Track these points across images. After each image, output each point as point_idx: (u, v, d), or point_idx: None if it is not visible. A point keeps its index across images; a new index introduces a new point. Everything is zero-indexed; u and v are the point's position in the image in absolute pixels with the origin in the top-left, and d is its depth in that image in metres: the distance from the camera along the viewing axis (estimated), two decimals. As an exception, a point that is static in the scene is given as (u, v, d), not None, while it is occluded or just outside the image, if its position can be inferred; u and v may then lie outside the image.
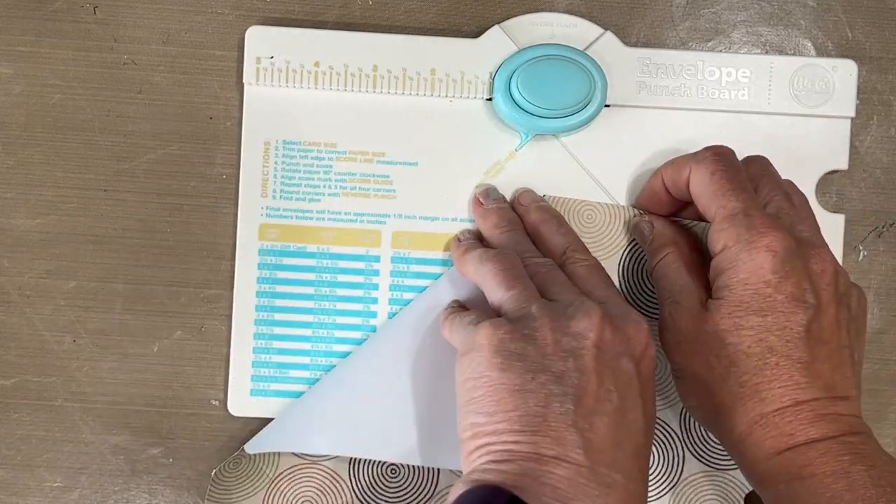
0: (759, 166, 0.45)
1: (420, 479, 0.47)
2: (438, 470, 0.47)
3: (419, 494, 0.47)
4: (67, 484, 0.48)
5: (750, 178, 0.43)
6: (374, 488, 0.47)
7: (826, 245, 0.42)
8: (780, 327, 0.40)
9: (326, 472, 0.47)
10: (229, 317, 0.48)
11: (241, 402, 0.48)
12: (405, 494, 0.47)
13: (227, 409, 0.48)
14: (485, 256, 0.43)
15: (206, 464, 0.48)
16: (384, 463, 0.47)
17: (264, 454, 0.47)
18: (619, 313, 0.40)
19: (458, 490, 0.36)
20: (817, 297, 0.40)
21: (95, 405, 0.48)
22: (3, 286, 0.48)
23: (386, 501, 0.47)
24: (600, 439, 0.37)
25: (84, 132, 0.48)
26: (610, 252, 0.47)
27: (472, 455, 0.38)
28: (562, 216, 0.47)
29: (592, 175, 0.48)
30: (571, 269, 0.44)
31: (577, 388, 0.37)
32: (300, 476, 0.47)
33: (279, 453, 0.47)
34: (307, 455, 0.47)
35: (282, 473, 0.47)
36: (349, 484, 0.47)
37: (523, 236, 0.46)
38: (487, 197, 0.47)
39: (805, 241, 0.41)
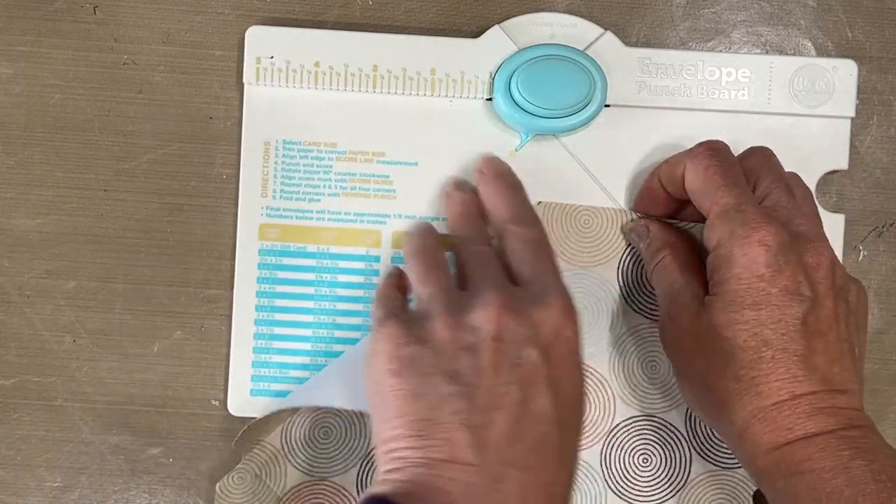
0: (760, 158, 0.44)
1: None
2: None
3: None
4: (67, 484, 0.48)
5: (750, 170, 0.43)
6: None
7: (824, 239, 0.42)
8: (776, 321, 0.39)
9: (334, 489, 0.47)
10: (229, 317, 0.48)
11: (241, 402, 0.48)
12: None
13: (227, 409, 0.48)
14: (406, 252, 0.43)
15: (206, 464, 0.48)
16: None
17: (271, 472, 0.46)
18: (530, 296, 0.39)
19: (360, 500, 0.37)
20: (813, 289, 0.40)
21: (95, 405, 0.48)
22: (3, 286, 0.48)
23: None
24: (496, 435, 0.36)
25: (84, 132, 0.48)
26: (609, 256, 0.47)
27: (378, 462, 0.38)
28: (517, 184, 0.45)
29: (592, 175, 0.48)
30: (507, 244, 0.43)
31: (471, 386, 0.37)
32: (308, 494, 0.47)
33: (286, 472, 0.47)
34: (315, 472, 0.47)
35: (289, 492, 0.46)
36: (356, 498, 0.47)
37: (475, 222, 0.45)
38: (455, 188, 0.46)
39: (801, 235, 0.41)
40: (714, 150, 0.43)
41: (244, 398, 0.48)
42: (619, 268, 0.47)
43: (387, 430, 0.37)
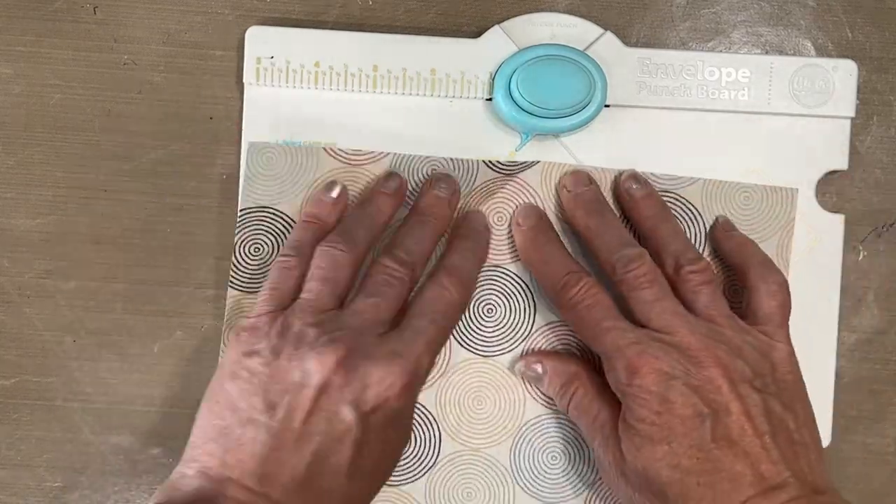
0: (665, 233, 0.45)
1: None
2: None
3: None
4: (67, 484, 0.49)
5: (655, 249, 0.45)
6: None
7: (708, 339, 0.41)
8: (687, 447, 0.40)
9: None
10: (229, 317, 0.48)
11: (241, 402, 0.48)
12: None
13: (227, 409, 0.48)
14: (326, 240, 0.43)
15: (206, 464, 0.48)
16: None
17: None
18: (383, 351, 0.40)
19: (151, 502, 0.38)
20: (709, 404, 0.40)
21: (95, 405, 0.48)
22: (3, 286, 0.48)
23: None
24: (285, 475, 0.38)
25: (84, 132, 0.48)
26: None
27: (187, 447, 0.40)
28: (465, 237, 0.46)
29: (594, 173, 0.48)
30: (427, 286, 0.43)
31: (280, 423, 0.38)
32: None
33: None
34: None
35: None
36: None
37: (429, 236, 0.45)
38: (440, 181, 0.46)
39: (683, 352, 0.41)
40: (584, 285, 0.43)
41: (244, 398, 0.48)
42: None
43: (202, 420, 0.40)
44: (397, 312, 0.42)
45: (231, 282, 0.47)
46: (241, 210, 0.47)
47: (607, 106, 0.47)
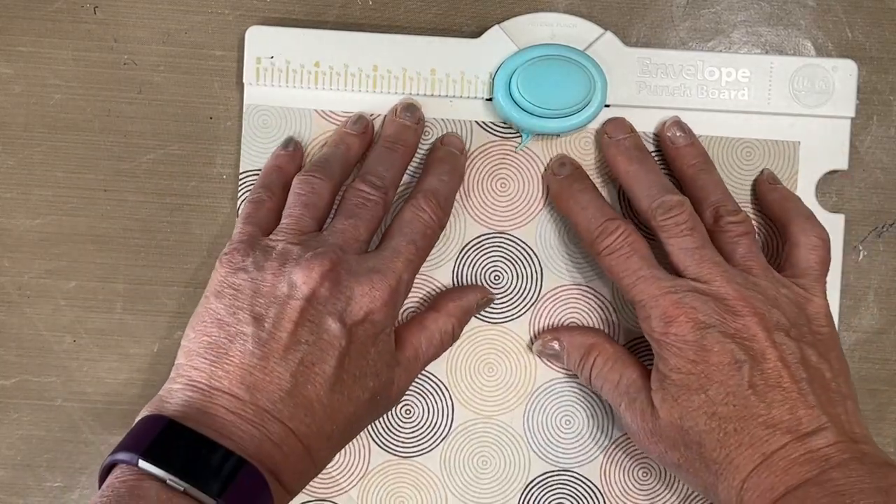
0: (707, 182, 0.46)
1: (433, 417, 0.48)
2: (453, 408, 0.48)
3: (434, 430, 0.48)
4: (67, 484, 0.48)
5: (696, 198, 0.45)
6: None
7: (744, 289, 0.41)
8: (724, 395, 0.40)
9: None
10: (229, 317, 0.48)
11: (241, 402, 0.48)
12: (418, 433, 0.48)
13: (227, 409, 0.48)
14: (301, 171, 0.45)
15: (206, 464, 0.48)
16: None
17: None
18: (364, 269, 0.41)
19: (138, 416, 0.40)
20: (747, 350, 0.40)
21: (95, 405, 0.48)
22: (3, 286, 0.48)
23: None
24: (270, 383, 0.39)
25: (84, 132, 0.48)
26: (606, 180, 0.47)
27: (173, 369, 0.41)
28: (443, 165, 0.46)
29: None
30: (405, 208, 0.44)
31: (267, 333, 0.40)
32: None
33: None
34: None
35: None
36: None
37: (399, 162, 0.46)
38: (404, 110, 0.47)
39: (719, 300, 0.41)
40: (622, 233, 0.43)
41: (244, 398, 0.48)
42: (619, 191, 0.47)
43: (190, 343, 0.41)
44: (374, 236, 0.44)
45: None
46: (241, 173, 0.47)
47: (607, 106, 0.47)
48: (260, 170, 0.47)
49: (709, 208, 0.44)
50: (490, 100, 0.47)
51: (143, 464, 0.37)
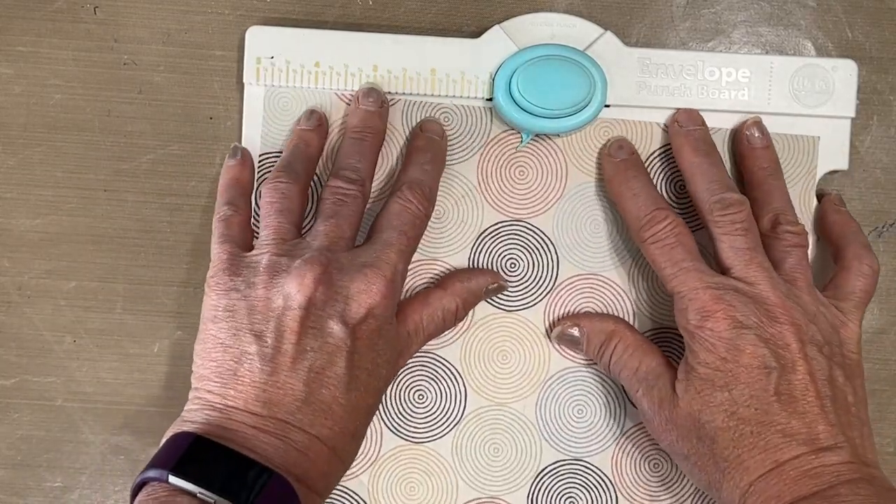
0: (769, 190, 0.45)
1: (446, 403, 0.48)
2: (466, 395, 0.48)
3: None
4: (67, 484, 0.48)
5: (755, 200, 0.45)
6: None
7: (787, 298, 0.41)
8: (748, 397, 0.40)
9: None
10: (229, 317, 0.48)
11: (241, 402, 0.48)
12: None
13: (227, 409, 0.48)
14: (267, 179, 0.44)
15: (206, 464, 0.48)
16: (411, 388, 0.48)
17: None
18: (356, 265, 0.41)
19: (163, 438, 0.40)
20: (779, 358, 0.40)
21: (95, 405, 0.48)
22: (3, 286, 0.48)
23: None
24: (285, 395, 0.39)
25: (84, 132, 0.48)
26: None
27: (190, 393, 0.41)
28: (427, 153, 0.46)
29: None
30: (391, 201, 0.44)
31: (272, 349, 0.40)
32: None
33: None
34: None
35: None
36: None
37: (370, 150, 0.45)
38: (366, 96, 0.46)
39: (760, 303, 0.41)
40: (670, 223, 0.43)
41: (244, 398, 0.48)
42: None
43: (199, 369, 0.41)
44: (358, 230, 0.44)
45: (256, 232, 0.47)
46: (260, 155, 0.47)
47: (607, 106, 0.47)
48: (279, 152, 0.47)
49: (768, 214, 0.44)
50: (490, 100, 0.47)
51: (173, 479, 0.37)
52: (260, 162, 0.47)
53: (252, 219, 0.46)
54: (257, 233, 0.44)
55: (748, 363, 0.40)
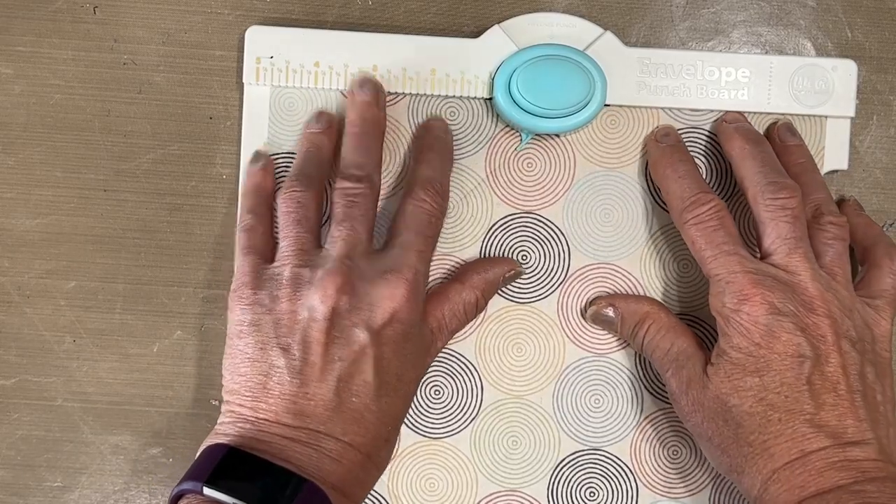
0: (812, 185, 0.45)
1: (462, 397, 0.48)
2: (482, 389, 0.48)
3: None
4: (67, 484, 0.48)
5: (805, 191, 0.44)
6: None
7: (827, 291, 0.41)
8: (779, 384, 0.40)
9: None
10: (229, 317, 0.48)
11: (241, 402, 0.48)
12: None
13: (227, 409, 0.48)
14: (282, 188, 0.44)
15: (206, 464, 0.48)
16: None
17: None
18: (377, 270, 0.41)
19: (200, 448, 0.40)
20: (814, 348, 0.40)
21: (95, 405, 0.48)
22: (3, 286, 0.48)
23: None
24: (315, 405, 0.40)
25: (84, 132, 0.48)
26: (637, 155, 0.47)
27: (222, 406, 0.42)
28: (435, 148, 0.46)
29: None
30: (405, 202, 0.44)
31: (300, 362, 0.40)
32: None
33: None
34: None
35: None
36: None
37: (372, 142, 0.45)
38: (360, 87, 0.46)
39: (797, 292, 0.41)
40: (714, 206, 0.43)
41: (244, 398, 0.48)
42: (646, 170, 0.47)
43: (229, 383, 0.41)
44: (374, 227, 0.44)
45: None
46: (272, 155, 0.47)
47: (607, 105, 0.47)
48: (289, 152, 0.47)
49: (810, 204, 0.44)
50: (490, 100, 0.47)
51: (207, 490, 0.37)
52: (275, 162, 0.47)
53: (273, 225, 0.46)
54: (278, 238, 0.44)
55: (782, 350, 0.40)
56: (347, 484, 0.39)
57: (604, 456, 0.47)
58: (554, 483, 0.47)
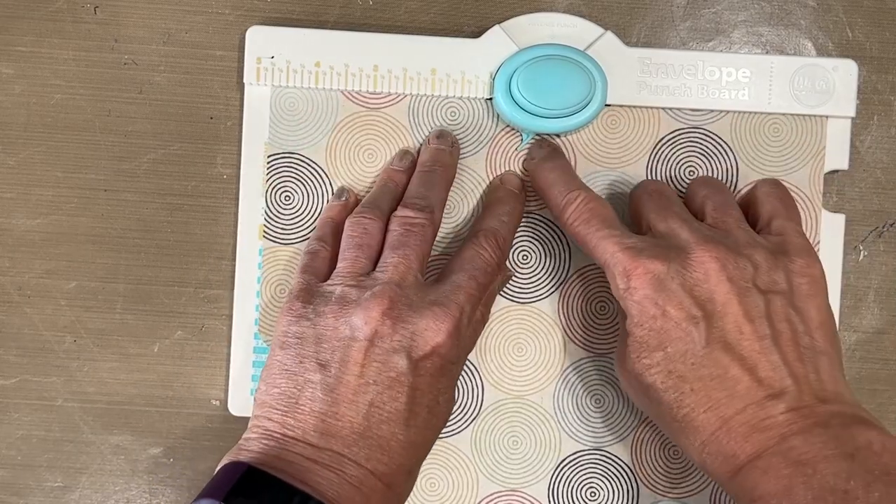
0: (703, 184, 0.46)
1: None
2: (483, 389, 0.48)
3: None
4: (68, 484, 0.48)
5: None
6: None
7: (708, 242, 0.40)
8: (682, 353, 0.39)
9: None
10: (229, 316, 0.48)
11: (241, 402, 0.48)
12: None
13: (227, 409, 0.48)
14: (352, 214, 0.44)
15: (206, 464, 0.48)
16: None
17: None
18: (425, 302, 0.41)
19: (219, 465, 0.40)
20: (703, 306, 0.39)
21: (95, 405, 0.48)
22: (3, 286, 0.48)
23: None
24: (343, 427, 0.39)
25: (84, 132, 0.48)
26: (638, 155, 0.47)
27: (250, 420, 0.41)
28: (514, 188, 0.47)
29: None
30: (466, 246, 0.44)
31: (335, 379, 0.40)
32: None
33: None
34: None
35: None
36: None
37: (439, 180, 0.45)
38: (437, 137, 0.47)
39: (680, 251, 0.40)
40: (582, 199, 0.43)
41: (244, 398, 0.48)
42: (647, 167, 0.48)
43: (262, 395, 0.41)
44: (427, 260, 0.44)
45: (265, 233, 0.47)
46: (269, 156, 0.47)
47: (608, 105, 0.47)
48: (289, 151, 0.47)
49: (701, 204, 0.44)
50: (490, 100, 0.47)
51: None
52: (269, 162, 0.47)
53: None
54: None
55: (676, 315, 0.39)
56: None
57: (605, 456, 0.47)
58: (555, 483, 0.47)
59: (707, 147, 0.47)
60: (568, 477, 0.47)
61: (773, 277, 0.40)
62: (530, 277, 0.47)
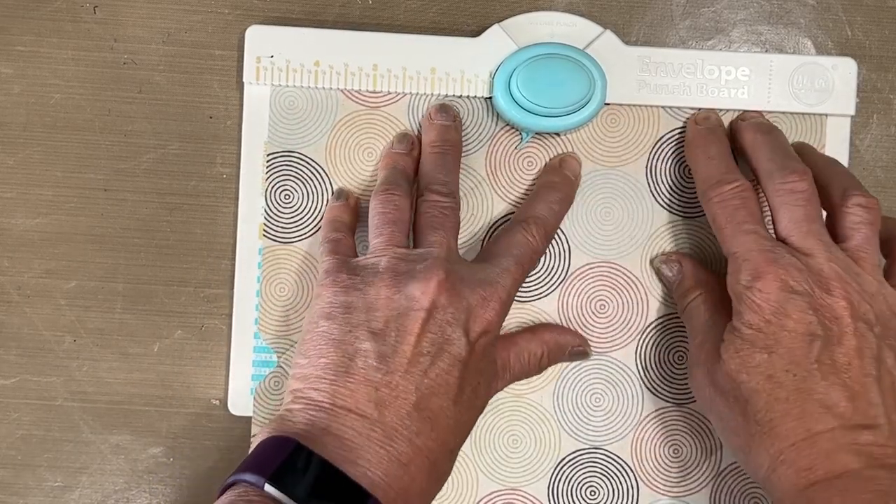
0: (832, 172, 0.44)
1: None
2: None
3: None
4: (68, 484, 0.48)
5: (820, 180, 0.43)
6: None
7: (845, 273, 0.40)
8: (788, 362, 0.39)
9: None
10: (229, 316, 0.48)
11: (242, 402, 0.48)
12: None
13: (227, 409, 0.48)
14: (374, 192, 0.44)
15: (207, 463, 0.48)
16: None
17: None
18: (476, 280, 0.41)
19: (259, 437, 0.39)
20: (825, 328, 0.39)
21: (95, 405, 0.48)
22: (3, 286, 0.48)
23: None
24: (396, 396, 0.39)
25: (84, 132, 0.48)
26: (638, 154, 0.47)
27: (287, 395, 0.40)
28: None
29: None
30: (516, 229, 0.44)
31: (390, 347, 0.39)
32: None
33: None
34: None
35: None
36: None
37: (450, 160, 0.45)
38: (439, 112, 0.47)
39: (814, 273, 0.40)
40: (738, 186, 0.43)
41: (244, 397, 0.48)
42: (647, 166, 0.47)
43: (304, 368, 0.40)
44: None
45: (265, 232, 0.47)
46: (268, 154, 0.47)
47: (607, 104, 0.47)
48: (289, 151, 0.47)
49: (837, 188, 0.43)
50: (490, 99, 0.47)
51: (268, 488, 0.36)
52: (268, 161, 0.47)
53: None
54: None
55: (793, 328, 0.39)
56: (410, 495, 0.38)
57: (604, 455, 0.47)
58: (554, 482, 0.47)
59: None
60: (568, 476, 0.47)
61: (886, 332, 0.40)
62: (530, 276, 0.47)
